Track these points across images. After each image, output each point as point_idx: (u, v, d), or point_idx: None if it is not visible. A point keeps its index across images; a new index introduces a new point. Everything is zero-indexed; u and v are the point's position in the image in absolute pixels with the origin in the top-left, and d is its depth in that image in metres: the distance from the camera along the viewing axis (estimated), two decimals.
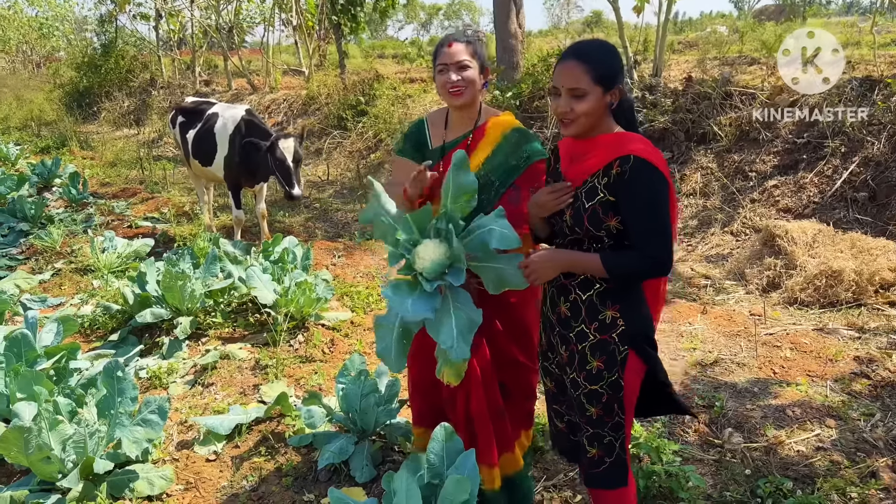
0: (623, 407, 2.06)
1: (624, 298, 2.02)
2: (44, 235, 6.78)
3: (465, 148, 2.47)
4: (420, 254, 2.13)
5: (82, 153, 13.57)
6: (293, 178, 5.63)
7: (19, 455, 2.75)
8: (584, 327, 2.06)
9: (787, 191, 6.36)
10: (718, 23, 26.87)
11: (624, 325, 2.01)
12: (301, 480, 3.12)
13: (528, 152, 2.41)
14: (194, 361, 4.29)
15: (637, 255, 1.91)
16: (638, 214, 1.90)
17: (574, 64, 1.91)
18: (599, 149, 1.97)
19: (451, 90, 2.40)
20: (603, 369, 2.03)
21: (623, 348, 2.01)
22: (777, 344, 4.27)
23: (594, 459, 2.13)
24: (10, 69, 34.13)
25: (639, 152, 1.88)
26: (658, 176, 1.88)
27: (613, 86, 1.93)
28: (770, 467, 2.98)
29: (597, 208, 1.94)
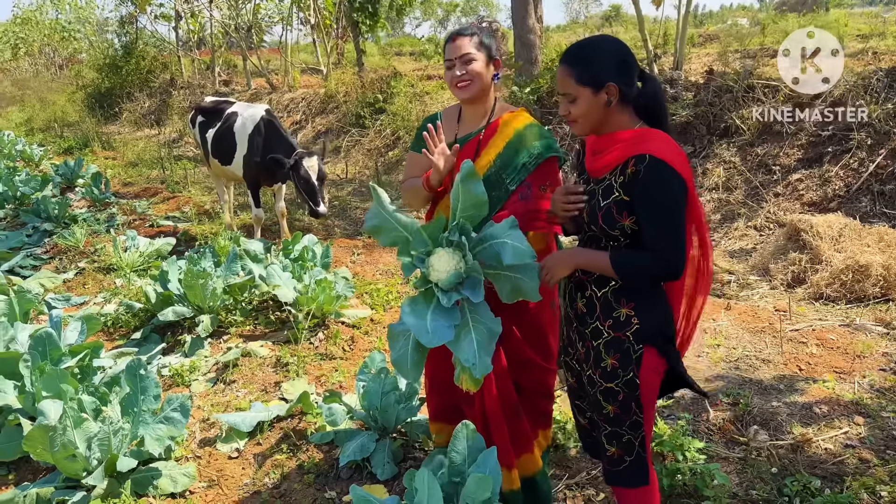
0: (640, 405, 2.03)
1: (639, 296, 1.99)
2: (67, 235, 6.86)
3: (477, 144, 2.45)
4: (434, 265, 2.11)
5: (104, 153, 13.72)
6: (318, 196, 5.69)
7: (45, 453, 2.78)
8: (598, 324, 2.04)
9: (811, 184, 6.26)
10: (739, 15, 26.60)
11: (639, 324, 1.98)
12: (323, 478, 3.12)
13: (540, 149, 2.38)
14: (216, 359, 4.31)
15: (648, 257, 1.89)
16: (650, 215, 1.87)
17: (561, 69, 1.95)
18: (617, 146, 1.94)
19: (458, 84, 2.39)
20: (618, 367, 2.01)
21: (638, 347, 1.99)
22: (803, 340, 4.20)
23: (614, 458, 2.11)
24: (33, 71, 34.58)
25: (655, 151, 1.85)
26: (674, 176, 1.84)
27: (603, 84, 1.90)
28: (797, 465, 2.93)
29: (611, 207, 1.92)
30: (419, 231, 2.16)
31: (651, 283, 2.00)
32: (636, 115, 1.99)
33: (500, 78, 2.50)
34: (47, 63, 35.43)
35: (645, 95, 1.98)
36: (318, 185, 5.67)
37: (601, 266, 1.95)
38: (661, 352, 2.01)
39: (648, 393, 2.03)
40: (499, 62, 2.44)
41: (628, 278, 1.94)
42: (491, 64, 2.41)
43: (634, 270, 1.92)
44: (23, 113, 20.49)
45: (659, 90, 2.01)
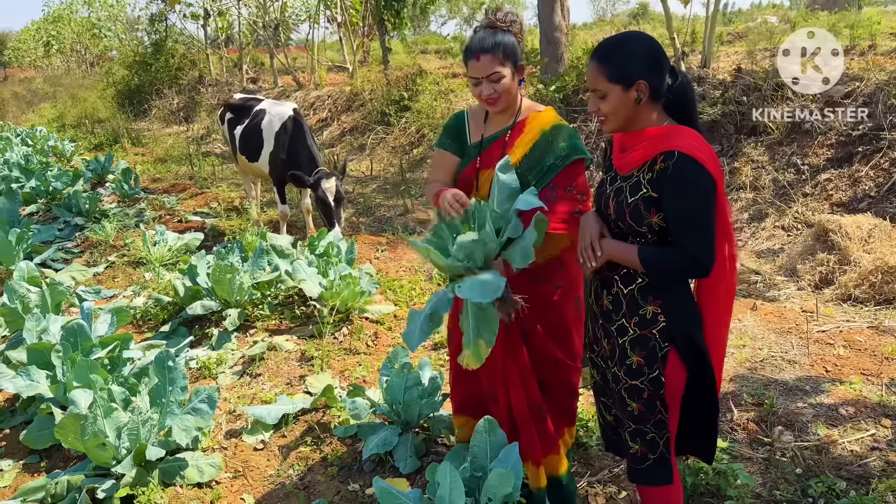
0: (665, 404, 2.02)
1: (666, 294, 1.98)
2: (98, 229, 6.99)
3: (503, 144, 2.45)
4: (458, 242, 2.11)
5: (134, 150, 13.93)
6: (334, 218, 5.80)
7: (76, 441, 2.85)
8: (624, 321, 2.03)
9: (840, 184, 6.17)
10: (769, 13, 26.21)
11: (665, 322, 1.97)
12: (346, 470, 3.16)
13: (567, 151, 2.35)
14: (242, 352, 4.37)
15: (677, 254, 1.88)
16: (679, 212, 1.87)
17: (592, 65, 1.95)
18: (645, 142, 1.94)
19: (486, 100, 2.37)
20: (643, 365, 2.00)
21: (664, 345, 1.98)
22: (830, 341, 4.15)
23: (637, 455, 2.11)
24: (65, 68, 35.26)
25: (684, 148, 1.84)
26: (703, 173, 1.83)
27: (633, 82, 1.90)
28: (822, 467, 2.90)
29: (639, 204, 1.92)
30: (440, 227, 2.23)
31: (678, 280, 1.99)
32: (665, 113, 1.99)
33: (524, 82, 2.48)
34: (79, 60, 36.05)
35: (675, 92, 1.98)
36: (334, 207, 5.78)
37: (629, 259, 1.95)
38: (685, 356, 1.99)
39: (673, 391, 2.02)
40: (523, 67, 2.41)
41: (656, 274, 1.93)
42: (518, 70, 2.38)
43: (662, 266, 1.91)
44: (54, 109, 20.87)
45: (689, 87, 2.01)
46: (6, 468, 3.33)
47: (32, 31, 41.73)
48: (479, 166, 2.47)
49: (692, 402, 2.06)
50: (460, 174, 2.55)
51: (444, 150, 2.61)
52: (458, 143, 2.59)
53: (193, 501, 2.96)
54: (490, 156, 2.45)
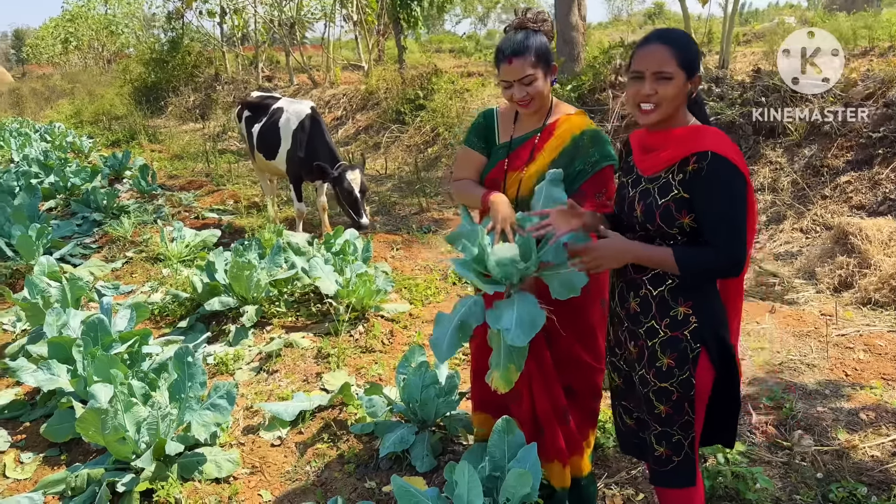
0: (693, 406, 2.00)
1: (697, 295, 1.96)
2: (116, 225, 7.04)
3: (532, 146, 2.43)
4: (496, 251, 2.14)
5: (150, 146, 14.03)
6: (360, 208, 5.77)
7: (96, 435, 2.87)
8: (654, 323, 2.01)
9: (860, 187, 6.11)
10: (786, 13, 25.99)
11: (697, 323, 1.95)
12: (363, 468, 3.17)
13: (597, 157, 2.32)
14: (259, 349, 4.40)
15: (712, 253, 1.85)
16: (715, 212, 1.85)
17: (660, 47, 1.88)
18: (674, 142, 1.91)
19: (519, 103, 2.36)
20: (674, 367, 1.98)
21: (696, 346, 1.96)
22: (849, 345, 4.12)
23: (661, 458, 2.08)
24: (82, 65, 35.52)
25: (717, 148, 1.83)
26: (737, 174, 1.82)
27: (695, 74, 1.90)
28: (842, 472, 2.88)
29: (670, 205, 1.90)
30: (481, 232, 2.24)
31: (712, 279, 1.98)
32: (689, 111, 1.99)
33: (556, 82, 2.46)
34: (96, 57, 36.33)
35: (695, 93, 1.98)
36: (360, 198, 5.77)
37: (661, 261, 1.91)
38: (713, 357, 1.97)
39: (702, 392, 2.01)
40: (555, 67, 2.39)
41: (691, 275, 1.90)
42: (551, 72, 2.36)
43: (699, 267, 1.88)
44: (72, 106, 21.05)
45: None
46: (27, 461, 3.37)
47: (51, 28, 42.11)
48: (506, 168, 2.46)
49: (717, 400, 2.05)
50: (487, 175, 2.53)
51: (472, 148, 2.59)
52: (486, 142, 2.58)
53: (211, 496, 2.98)
54: (518, 157, 2.43)
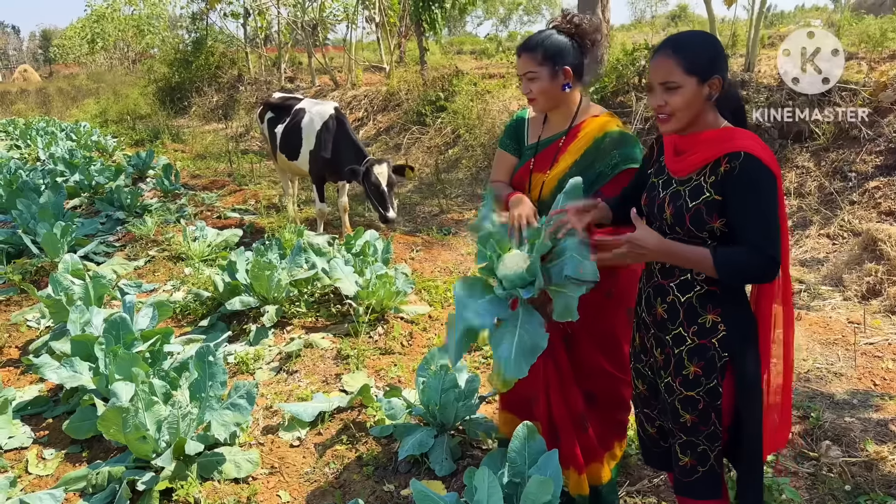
0: (720, 416, 1.95)
1: (726, 302, 1.91)
2: (139, 224, 7.09)
3: (557, 148, 2.41)
4: (505, 261, 2.15)
5: (173, 146, 14.16)
6: (388, 202, 5.77)
7: (118, 433, 2.88)
8: (681, 330, 1.96)
9: (890, 192, 6.00)
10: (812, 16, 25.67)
11: (725, 331, 1.90)
12: (381, 470, 3.15)
13: (618, 159, 2.30)
14: (279, 349, 4.40)
15: (750, 255, 1.78)
16: (749, 212, 1.79)
17: (664, 57, 1.86)
18: (706, 144, 1.87)
19: (527, 98, 2.38)
20: (701, 375, 1.93)
21: (724, 354, 1.91)
22: (878, 354, 4.03)
23: (686, 468, 2.03)
24: (108, 65, 35.99)
25: (749, 149, 1.78)
26: (770, 174, 1.78)
27: (710, 76, 1.83)
28: (872, 484, 2.81)
29: (701, 208, 1.85)
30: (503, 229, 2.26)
31: (747, 282, 1.91)
32: (720, 115, 1.93)
33: (582, 84, 2.41)
34: (121, 57, 36.79)
35: (729, 95, 1.92)
36: (388, 192, 5.76)
37: (697, 261, 1.84)
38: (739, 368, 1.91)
39: (729, 404, 1.95)
40: (568, 70, 2.31)
41: (729, 277, 1.83)
42: (560, 73, 2.31)
43: (737, 268, 1.81)
44: (97, 105, 21.31)
45: (739, 92, 1.96)
46: (49, 457, 3.39)
47: (77, 29, 42.75)
48: (532, 168, 2.44)
49: (741, 409, 1.98)
50: (514, 175, 2.53)
51: (504, 150, 2.61)
52: (517, 143, 2.59)
53: (230, 496, 2.98)
54: (543, 159, 2.43)
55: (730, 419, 1.99)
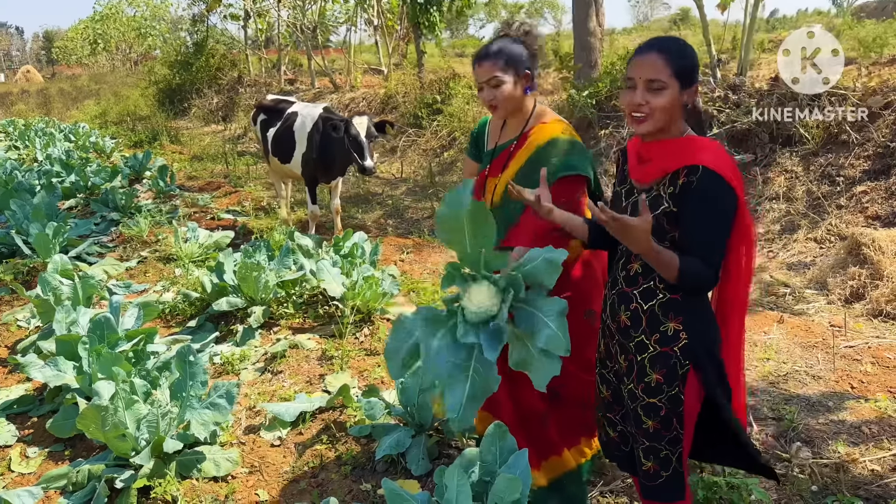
0: (682, 422, 1.97)
1: (688, 311, 1.93)
2: (132, 225, 7.14)
3: (508, 154, 2.48)
4: (472, 295, 2.00)
5: (172, 147, 14.21)
6: (365, 152, 5.80)
7: (97, 431, 2.92)
8: (644, 338, 1.98)
9: (876, 197, 6.03)
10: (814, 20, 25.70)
11: (687, 339, 1.92)
12: (359, 470, 3.19)
13: (556, 167, 2.32)
14: (265, 349, 4.44)
15: (702, 265, 1.81)
16: (699, 228, 1.82)
17: (654, 55, 1.85)
18: (668, 154, 1.89)
19: (489, 105, 2.41)
20: (662, 383, 1.95)
21: (685, 363, 1.93)
22: (857, 357, 4.06)
23: (650, 473, 2.06)
24: (109, 67, 36.10)
25: (709, 163, 1.80)
26: (728, 190, 1.79)
27: (691, 84, 1.87)
28: (839, 485, 2.84)
29: (661, 219, 1.87)
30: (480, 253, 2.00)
31: (695, 292, 1.92)
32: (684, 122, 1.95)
33: (534, 90, 2.47)
34: (123, 59, 36.91)
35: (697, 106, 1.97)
36: (366, 143, 5.81)
37: (666, 263, 1.81)
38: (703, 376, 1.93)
39: (691, 409, 1.97)
40: (527, 75, 2.39)
41: (685, 282, 1.83)
42: (522, 78, 2.38)
43: (695, 276, 1.82)
44: (98, 106, 21.37)
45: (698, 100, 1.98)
46: (32, 455, 3.43)
47: (80, 30, 42.91)
48: (487, 174, 2.51)
49: (708, 415, 2.02)
50: (477, 180, 2.60)
51: (468, 156, 2.70)
52: (478, 149, 2.68)
53: (208, 495, 3.02)
54: (497, 164, 2.50)
55: (693, 425, 2.01)
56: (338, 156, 6.17)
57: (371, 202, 9.04)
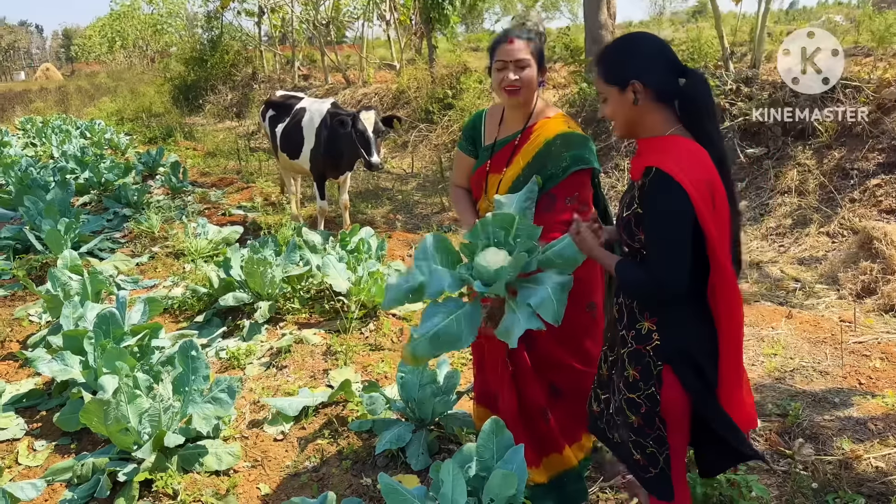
0: (664, 422, 1.94)
1: (663, 312, 1.90)
2: (143, 220, 7.20)
3: (512, 149, 2.44)
4: (487, 253, 2.11)
5: (186, 143, 14.30)
6: (372, 147, 5.80)
7: (100, 425, 2.95)
8: (625, 333, 1.99)
9: (891, 190, 5.94)
10: (835, 11, 25.33)
11: (659, 341, 1.90)
12: (360, 465, 3.20)
13: (568, 161, 2.33)
14: (271, 344, 4.46)
15: (644, 274, 1.83)
16: (649, 230, 1.81)
17: (595, 72, 1.96)
18: (643, 152, 1.90)
19: (508, 88, 2.36)
20: (639, 380, 1.95)
21: (658, 363, 1.90)
22: (866, 353, 4.01)
23: (639, 464, 2.06)
24: (126, 64, 36.39)
25: (662, 164, 1.76)
26: (677, 193, 1.72)
27: (627, 82, 1.84)
28: (842, 482, 2.81)
29: (630, 219, 1.88)
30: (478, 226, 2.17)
31: (650, 301, 1.91)
32: (674, 117, 1.88)
33: (545, 86, 2.47)
34: (140, 56, 37.18)
35: (684, 94, 1.85)
36: (373, 138, 5.80)
37: (608, 266, 1.94)
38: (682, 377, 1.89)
39: (674, 412, 1.92)
40: (545, 70, 2.41)
41: (628, 290, 1.92)
42: (541, 71, 2.39)
43: (631, 282, 1.87)
44: (114, 104, 21.55)
45: (702, 88, 1.85)
46: (40, 448, 3.48)
47: (98, 28, 43.27)
48: (488, 169, 2.48)
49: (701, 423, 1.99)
50: (472, 176, 2.57)
51: (462, 151, 2.65)
52: (473, 144, 2.63)
53: (209, 488, 3.04)
54: (500, 159, 2.46)
55: (683, 428, 1.97)
56: (345, 151, 6.18)
57: (381, 197, 9.04)
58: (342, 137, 6.06)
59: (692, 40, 9.40)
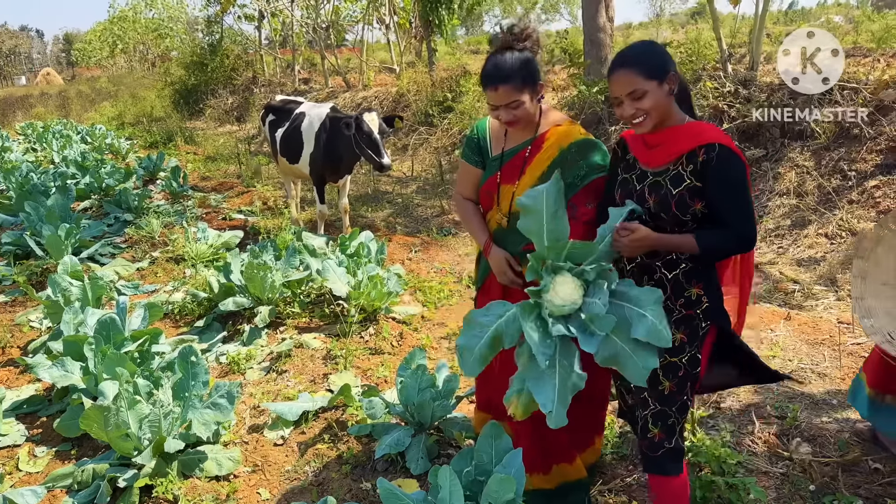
0: (693, 387, 2.18)
1: (706, 277, 2.16)
2: (143, 225, 7.21)
3: (523, 159, 2.43)
4: (557, 288, 1.99)
5: (186, 148, 14.33)
6: (380, 148, 5.82)
7: (100, 431, 2.96)
8: (669, 303, 2.14)
9: (889, 191, 5.94)
10: (834, 12, 25.35)
11: (708, 302, 2.15)
12: (360, 469, 3.21)
13: (586, 169, 2.33)
14: (271, 349, 4.47)
15: (728, 234, 2.04)
16: (727, 197, 2.03)
17: (622, 72, 2.06)
18: (679, 137, 2.08)
19: (507, 125, 2.39)
20: (686, 342, 2.15)
21: (706, 324, 2.16)
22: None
23: (654, 441, 2.19)
24: (128, 68, 36.47)
25: (723, 140, 2.02)
26: (741, 162, 2.03)
27: (666, 74, 2.04)
28: (839, 484, 2.82)
29: (683, 194, 2.06)
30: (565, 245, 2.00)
31: (727, 257, 2.22)
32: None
33: (543, 98, 2.43)
34: (141, 60, 37.25)
35: (681, 84, 2.15)
36: (379, 139, 5.82)
37: (683, 246, 2.07)
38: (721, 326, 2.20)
39: (700, 374, 2.19)
40: (541, 86, 2.35)
41: (710, 256, 2.10)
42: (537, 91, 2.34)
43: (719, 246, 2.07)
44: (115, 108, 21.60)
45: (685, 82, 2.20)
46: (40, 454, 3.49)
47: (99, 32, 43.37)
48: (499, 181, 2.47)
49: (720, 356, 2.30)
50: (482, 187, 2.55)
51: (468, 162, 2.61)
52: (480, 154, 2.59)
53: (209, 494, 3.05)
54: (511, 170, 2.44)
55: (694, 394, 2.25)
56: (345, 154, 6.20)
57: (381, 200, 9.06)
58: (341, 141, 6.07)
59: (691, 42, 9.42)
